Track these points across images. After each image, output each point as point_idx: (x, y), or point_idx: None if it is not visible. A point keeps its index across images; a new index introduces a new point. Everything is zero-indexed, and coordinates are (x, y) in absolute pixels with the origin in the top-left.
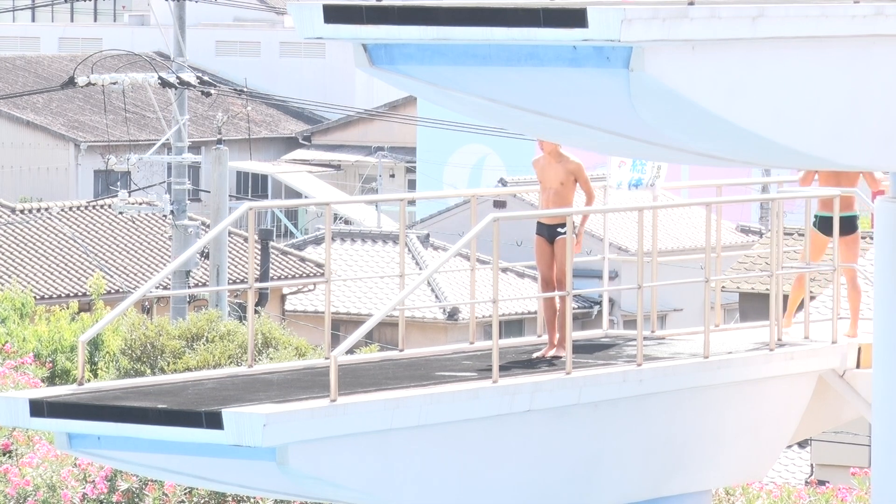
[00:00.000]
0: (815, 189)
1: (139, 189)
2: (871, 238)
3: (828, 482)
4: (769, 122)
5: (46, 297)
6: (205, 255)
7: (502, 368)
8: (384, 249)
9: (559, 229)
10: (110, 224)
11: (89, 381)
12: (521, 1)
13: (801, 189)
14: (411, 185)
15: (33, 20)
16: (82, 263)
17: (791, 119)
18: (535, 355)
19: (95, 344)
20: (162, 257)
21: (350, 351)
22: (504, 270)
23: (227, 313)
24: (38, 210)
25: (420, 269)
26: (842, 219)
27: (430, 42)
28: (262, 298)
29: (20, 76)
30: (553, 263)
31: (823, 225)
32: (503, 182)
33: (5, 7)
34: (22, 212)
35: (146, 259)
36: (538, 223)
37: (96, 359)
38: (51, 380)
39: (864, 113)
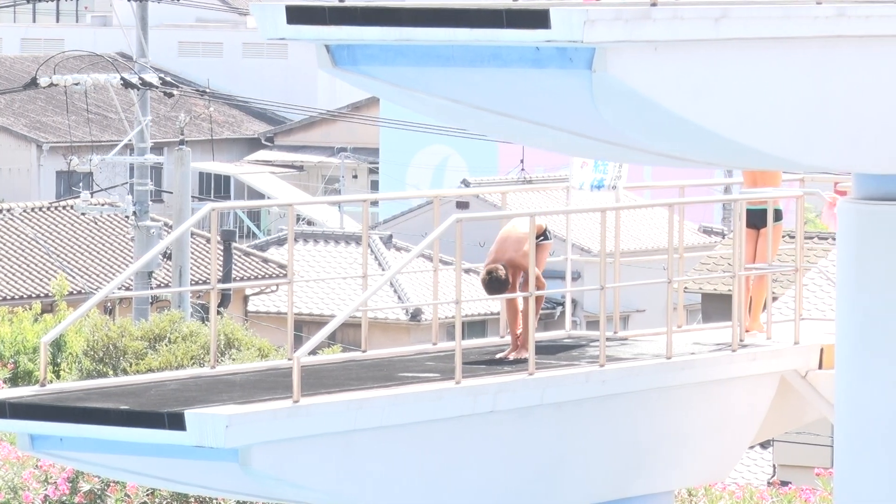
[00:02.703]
0: (776, 190)
1: (101, 190)
2: (833, 239)
3: (790, 483)
4: (732, 123)
5: (9, 298)
6: (167, 255)
7: (465, 369)
8: (347, 250)
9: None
10: (73, 225)
11: (51, 382)
12: (483, 2)
13: (763, 190)
14: (374, 185)
15: None
16: (45, 264)
17: (754, 120)
18: (498, 356)
19: (58, 345)
20: (124, 258)
21: (313, 352)
22: (467, 271)
23: (189, 314)
24: (0, 211)
25: (383, 269)
26: (765, 211)
27: (393, 43)
28: (224, 299)
29: None
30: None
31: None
32: (466, 183)
33: None
34: None
35: (108, 260)
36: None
37: (59, 360)
38: (13, 381)
39: (827, 114)
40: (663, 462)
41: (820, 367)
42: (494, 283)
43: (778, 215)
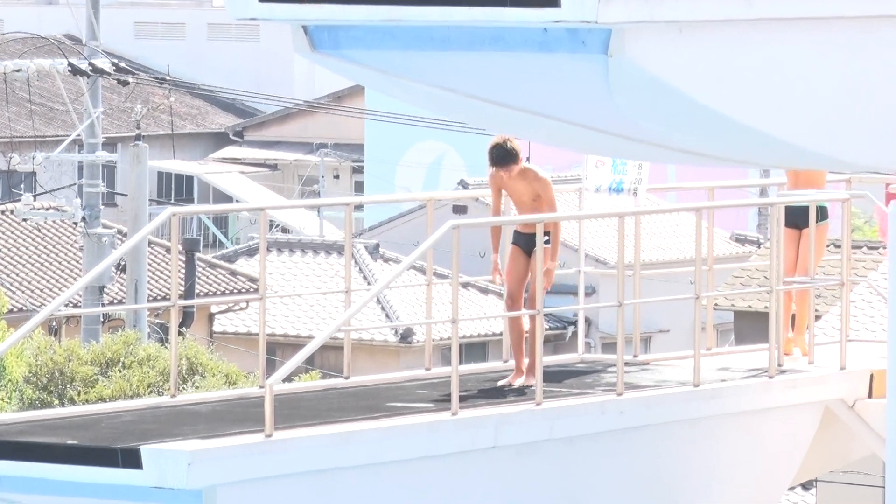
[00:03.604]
0: (819, 192)
1: (46, 192)
2: (885, 248)
3: None
4: (766, 114)
5: None
6: (121, 268)
7: (463, 399)
8: (327, 261)
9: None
10: (13, 232)
11: None
12: None
13: (804, 192)
14: (358, 187)
15: None
16: None
17: (792, 112)
18: (500, 383)
19: None
20: (72, 271)
21: (288, 378)
22: (465, 285)
23: (146, 335)
24: None
25: (369, 283)
26: (808, 209)
27: (380, 24)
28: (186, 318)
29: None
30: (526, 278)
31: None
32: (463, 184)
33: None
34: None
35: (54, 273)
36: (515, 232)
37: None
38: None
39: (876, 105)
40: None
41: (869, 395)
42: (504, 150)
43: (823, 214)
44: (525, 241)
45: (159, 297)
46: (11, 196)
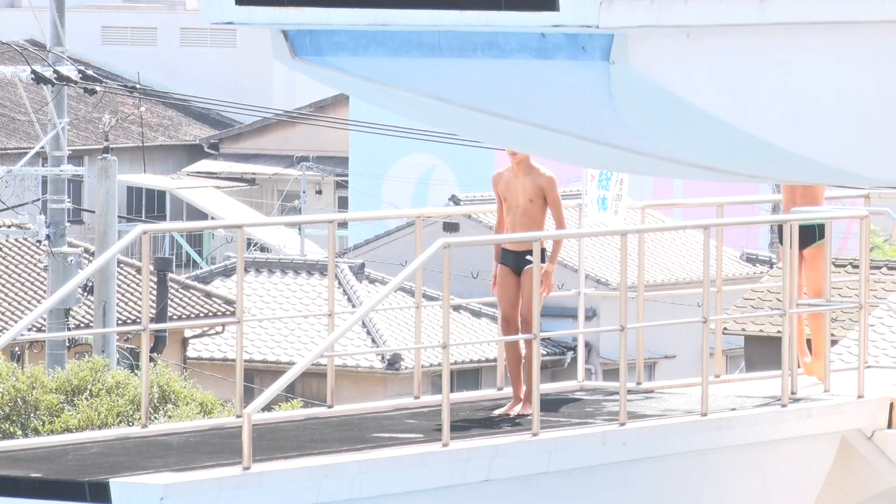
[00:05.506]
0: (834, 209)
1: (8, 209)
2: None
3: None
4: (781, 126)
5: None
6: (88, 289)
7: (454, 429)
8: (309, 282)
9: (528, 257)
10: None
11: None
12: None
13: (819, 209)
14: (342, 203)
15: None
16: None
17: (808, 123)
18: (495, 413)
19: None
20: (36, 292)
21: (267, 407)
22: (456, 308)
23: (115, 361)
24: None
25: (353, 306)
26: (807, 228)
27: (366, 28)
28: (158, 343)
29: None
30: (518, 300)
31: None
32: (455, 200)
33: None
34: None
35: (16, 294)
36: (502, 250)
37: None
38: None
39: (893, 115)
40: None
41: (889, 425)
42: None
43: (820, 232)
44: (515, 261)
45: (129, 321)
46: None
